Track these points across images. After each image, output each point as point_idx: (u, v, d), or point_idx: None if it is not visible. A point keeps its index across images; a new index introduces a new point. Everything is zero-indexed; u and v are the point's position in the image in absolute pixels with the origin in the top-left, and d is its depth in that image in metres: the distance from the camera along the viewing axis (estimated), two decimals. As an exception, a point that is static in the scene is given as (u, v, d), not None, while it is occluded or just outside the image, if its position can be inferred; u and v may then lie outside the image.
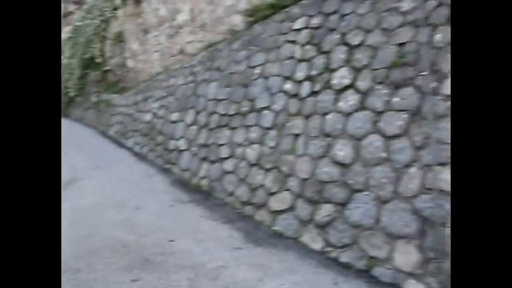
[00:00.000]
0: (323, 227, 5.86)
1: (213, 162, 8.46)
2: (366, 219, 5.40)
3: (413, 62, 5.51)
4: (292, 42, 7.46)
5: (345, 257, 5.49)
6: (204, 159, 8.75)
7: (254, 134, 7.55)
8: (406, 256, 4.98)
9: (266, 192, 6.89)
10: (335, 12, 6.92)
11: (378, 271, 5.13)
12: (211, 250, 5.91)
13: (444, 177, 4.88)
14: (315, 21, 7.19)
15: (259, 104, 7.66)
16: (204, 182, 8.54)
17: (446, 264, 4.67)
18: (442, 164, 4.93)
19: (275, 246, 6.03)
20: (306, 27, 7.33)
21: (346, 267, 5.39)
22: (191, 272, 5.28)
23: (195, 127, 9.41)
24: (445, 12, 5.42)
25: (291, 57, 7.34)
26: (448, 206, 4.77)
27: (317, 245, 5.84)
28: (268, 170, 7.01)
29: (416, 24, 5.67)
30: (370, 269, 5.21)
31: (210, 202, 7.93)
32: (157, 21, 13.19)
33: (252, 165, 7.39)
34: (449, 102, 5.03)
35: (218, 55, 9.57)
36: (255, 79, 7.99)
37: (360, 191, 5.58)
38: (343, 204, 5.70)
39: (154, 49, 13.63)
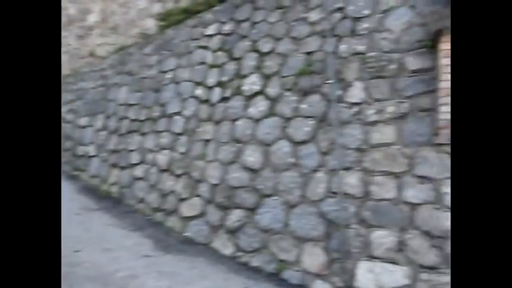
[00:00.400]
0: (233, 232, 5.84)
1: (123, 168, 8.18)
2: (276, 224, 5.46)
3: (320, 71, 5.68)
4: (204, 48, 7.42)
5: (255, 261, 5.51)
6: (114, 165, 8.44)
7: (165, 139, 7.40)
8: (313, 258, 5.09)
9: (177, 198, 6.77)
10: (246, 19, 6.97)
11: (287, 274, 5.21)
12: (119, 259, 5.68)
13: (348, 181, 5.06)
14: (227, 27, 7.20)
15: (170, 109, 7.53)
16: (114, 189, 8.23)
17: (350, 264, 4.84)
18: (346, 169, 5.11)
19: (185, 253, 5.92)
20: (218, 34, 7.32)
21: (256, 271, 5.41)
22: (98, 283, 5.01)
23: (104, 132, 9.06)
24: (349, 24, 5.65)
25: (203, 63, 7.30)
26: (351, 208, 4.96)
27: (228, 250, 5.82)
28: (179, 175, 6.89)
29: (323, 34, 5.85)
30: (280, 272, 5.27)
31: (119, 209, 7.65)
32: (66, 21, 12.58)
33: (163, 171, 7.23)
34: (353, 109, 5.24)
35: (129, 59, 9.30)
36: (166, 84, 7.85)
37: (269, 195, 5.64)
38: (253, 209, 5.73)
39: (62, 50, 12.98)
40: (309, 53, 5.89)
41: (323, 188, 5.21)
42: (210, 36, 7.43)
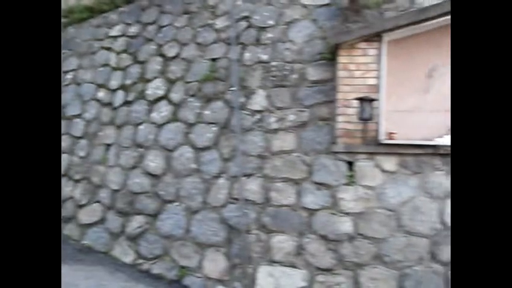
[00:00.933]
0: (134, 239, 5.61)
1: (17, 172, 7.57)
2: (177, 230, 5.34)
3: (224, 77, 5.65)
4: (108, 49, 7.09)
5: (156, 268, 5.34)
6: (7, 169, 7.79)
7: (64, 142, 6.95)
8: (215, 264, 5.04)
9: (75, 205, 6.36)
10: (153, 22, 6.78)
11: (189, 280, 5.11)
12: (8, 271, 5.23)
13: (249, 187, 5.08)
14: (133, 29, 6.95)
15: (70, 111, 7.07)
16: (6, 195, 7.59)
17: (250, 269, 4.85)
18: (248, 175, 5.13)
19: (83, 262, 5.58)
20: (123, 35, 7.04)
21: (158, 279, 5.24)
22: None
23: (-3, 134, 8.35)
24: (254, 33, 5.69)
25: (106, 65, 6.96)
26: (252, 214, 4.97)
27: (128, 257, 5.58)
28: (77, 181, 6.49)
29: (228, 42, 5.84)
30: (181, 279, 5.15)
31: (11, 217, 7.07)
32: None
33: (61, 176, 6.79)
34: (255, 117, 5.27)
35: (27, 57, 8.67)
36: (67, 85, 7.39)
37: (171, 201, 5.49)
38: (154, 216, 5.55)
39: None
40: (213, 60, 5.85)
41: (225, 194, 5.18)
42: (115, 37, 7.12)
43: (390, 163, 4.75)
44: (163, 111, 5.95)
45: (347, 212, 4.72)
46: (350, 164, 4.80)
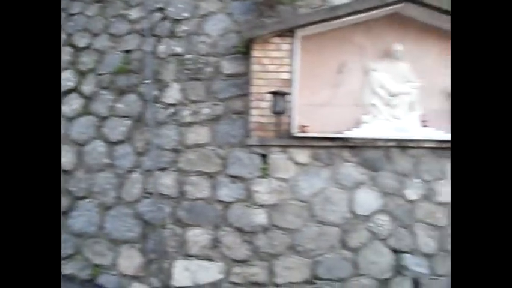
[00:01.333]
0: (43, 238, 5.35)
1: None
2: (90, 227, 5.13)
3: (137, 70, 5.48)
4: (13, 38, 6.65)
5: (68, 268, 5.10)
6: None
7: (-36, 137, 6.47)
8: (130, 260, 4.92)
9: (-23, 204, 5.95)
10: (62, 10, 6.43)
11: (103, 279, 4.94)
12: None
13: (163, 181, 5.00)
14: (40, 18, 6.56)
15: (-29, 103, 6.60)
16: None
17: (167, 264, 4.81)
18: (162, 169, 5.04)
19: (-14, 265, 5.25)
20: (29, 23, 6.62)
21: (69, 279, 5.02)
22: None
23: None
24: (169, 25, 5.59)
25: (11, 54, 6.53)
26: (167, 208, 4.92)
27: (37, 258, 5.31)
28: (-20, 178, 6.07)
29: (142, 33, 5.68)
30: (95, 278, 4.97)
31: None
32: None
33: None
34: (169, 110, 5.20)
35: None
36: (-33, 75, 6.87)
37: (83, 198, 5.25)
38: (65, 213, 5.29)
39: None
40: (127, 52, 5.65)
41: (139, 189, 5.06)
42: (20, 25, 6.69)
43: (302, 155, 4.89)
44: (73, 104, 5.64)
45: (261, 204, 4.81)
46: (264, 156, 4.89)
